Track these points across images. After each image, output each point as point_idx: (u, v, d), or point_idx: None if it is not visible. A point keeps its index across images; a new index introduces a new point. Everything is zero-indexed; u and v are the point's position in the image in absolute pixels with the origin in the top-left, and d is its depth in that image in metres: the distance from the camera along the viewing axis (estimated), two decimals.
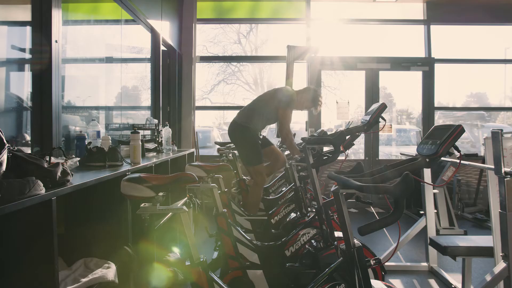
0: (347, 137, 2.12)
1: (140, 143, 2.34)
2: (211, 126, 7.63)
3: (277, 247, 2.07)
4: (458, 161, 1.41)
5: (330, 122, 6.39)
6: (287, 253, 2.07)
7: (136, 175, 1.25)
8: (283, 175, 4.13)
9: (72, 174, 1.45)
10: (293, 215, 2.79)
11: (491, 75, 6.32)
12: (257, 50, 7.10)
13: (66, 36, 2.75)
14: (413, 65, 5.69)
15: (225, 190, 2.61)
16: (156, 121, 3.58)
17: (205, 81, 6.87)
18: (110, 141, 2.68)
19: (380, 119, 1.98)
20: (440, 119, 6.28)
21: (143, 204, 1.24)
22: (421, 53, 5.87)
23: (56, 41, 1.97)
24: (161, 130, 3.35)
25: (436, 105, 5.81)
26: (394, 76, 5.88)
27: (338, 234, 2.07)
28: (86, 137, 2.35)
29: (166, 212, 1.26)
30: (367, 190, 1.10)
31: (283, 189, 4.11)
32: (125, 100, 3.87)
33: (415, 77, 5.96)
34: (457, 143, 1.27)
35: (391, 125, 5.85)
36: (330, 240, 1.96)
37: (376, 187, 1.10)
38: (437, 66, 5.67)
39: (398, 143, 7.60)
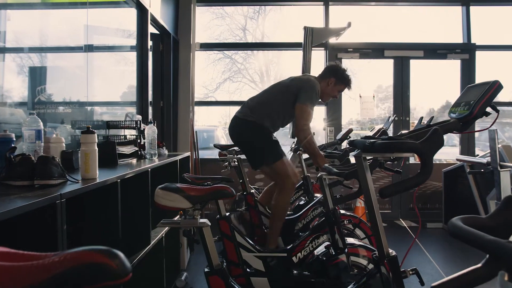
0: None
1: (96, 148, 1.54)
2: (217, 125, 6.95)
3: None
4: None
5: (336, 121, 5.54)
6: None
7: None
8: (300, 184, 3.30)
9: None
10: (321, 248, 1.97)
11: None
12: (264, 39, 6.32)
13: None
14: (451, 53, 4.83)
15: (227, 214, 1.80)
16: (139, 117, 2.79)
17: (211, 79, 6.39)
18: (64, 145, 1.90)
19: (489, 109, 1.17)
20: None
21: None
22: (457, 39, 4.99)
23: None
24: (144, 129, 2.55)
25: (444, 101, 4.95)
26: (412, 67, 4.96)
27: None
28: (15, 139, 1.56)
29: None
30: None
31: (300, 203, 3.30)
32: (104, 93, 3.09)
33: (427, 68, 5.06)
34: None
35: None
36: None
37: None
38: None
39: None
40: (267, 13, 6.12)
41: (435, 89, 5.41)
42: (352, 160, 2.18)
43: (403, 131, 2.02)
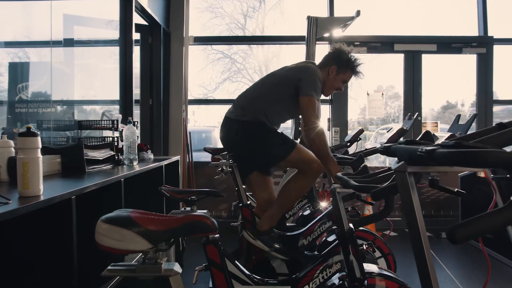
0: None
1: (40, 155, 1.17)
2: (216, 125, 6.66)
3: None
4: None
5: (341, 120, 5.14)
6: None
7: None
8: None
9: None
10: (335, 279, 1.59)
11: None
12: (264, 33, 6.01)
13: None
14: (466, 46, 4.44)
15: (216, 236, 1.42)
16: (119, 116, 2.42)
17: (210, 79, 6.14)
18: (13, 150, 1.54)
19: None
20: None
21: None
22: (473, 32, 4.60)
23: None
24: (122, 130, 2.18)
25: (449, 99, 4.58)
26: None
27: None
28: None
29: None
30: None
31: (304, 213, 2.92)
32: (82, 90, 2.73)
33: (437, 64, 4.68)
34: None
35: (437, 123, 4.61)
36: None
37: None
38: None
39: None
40: (267, 12, 5.85)
41: (441, 87, 5.02)
42: (368, 164, 1.81)
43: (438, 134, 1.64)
